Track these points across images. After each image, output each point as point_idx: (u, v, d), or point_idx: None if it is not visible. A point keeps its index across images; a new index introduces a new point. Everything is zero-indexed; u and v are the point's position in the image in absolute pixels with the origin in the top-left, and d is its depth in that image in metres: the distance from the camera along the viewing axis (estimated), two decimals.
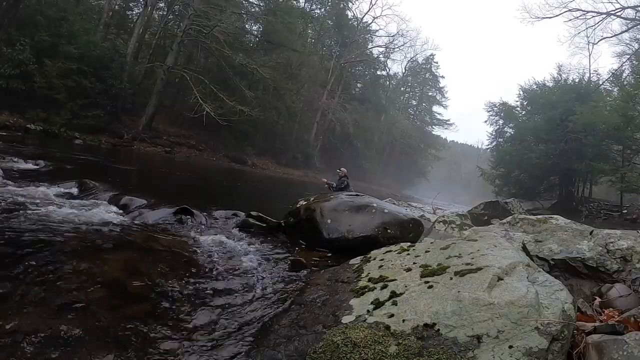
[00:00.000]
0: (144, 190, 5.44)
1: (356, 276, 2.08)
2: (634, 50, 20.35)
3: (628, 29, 19.53)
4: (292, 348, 1.52)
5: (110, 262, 2.19)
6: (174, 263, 2.42)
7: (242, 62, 19.61)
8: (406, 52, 43.99)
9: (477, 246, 2.00)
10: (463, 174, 67.62)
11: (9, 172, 4.82)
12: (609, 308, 2.01)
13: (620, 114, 16.56)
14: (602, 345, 1.39)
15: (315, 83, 30.86)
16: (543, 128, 22.04)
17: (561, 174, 22.31)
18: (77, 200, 3.83)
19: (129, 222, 3.29)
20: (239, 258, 2.76)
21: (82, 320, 1.59)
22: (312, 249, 3.26)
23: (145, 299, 1.88)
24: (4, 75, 12.89)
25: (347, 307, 1.72)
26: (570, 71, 25.23)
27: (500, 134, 29.10)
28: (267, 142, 25.91)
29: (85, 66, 14.91)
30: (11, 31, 13.85)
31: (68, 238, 2.44)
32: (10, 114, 13.04)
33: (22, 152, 7.39)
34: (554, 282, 1.63)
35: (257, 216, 3.74)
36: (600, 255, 2.52)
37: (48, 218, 2.89)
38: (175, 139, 19.99)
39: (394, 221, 3.37)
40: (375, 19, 40.30)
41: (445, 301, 1.53)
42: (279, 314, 1.89)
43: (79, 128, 14.84)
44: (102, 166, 9.27)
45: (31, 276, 1.83)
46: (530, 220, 3.36)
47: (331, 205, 3.51)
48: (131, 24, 22.01)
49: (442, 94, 49.64)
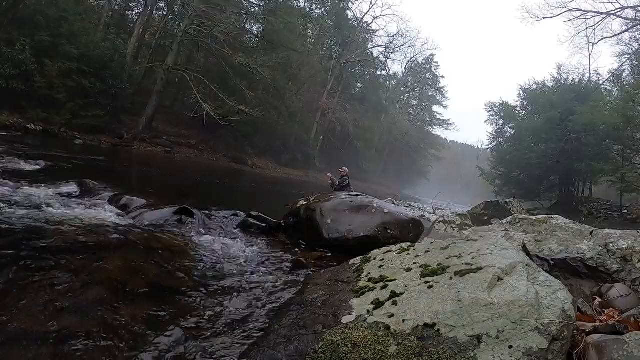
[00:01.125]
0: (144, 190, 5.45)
1: (356, 276, 2.08)
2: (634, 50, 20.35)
3: (628, 29, 19.51)
4: (292, 348, 1.52)
5: (110, 262, 2.19)
6: (174, 263, 2.42)
7: (242, 62, 19.60)
8: (406, 52, 44.06)
9: (477, 246, 2.00)
10: (463, 174, 67.57)
11: (9, 172, 4.82)
12: (609, 308, 2.01)
13: (620, 114, 16.55)
14: (602, 345, 1.39)
15: (315, 83, 30.83)
16: (543, 128, 22.04)
17: (561, 174, 22.31)
18: (77, 200, 3.83)
19: (129, 222, 3.29)
20: (239, 258, 2.76)
21: (82, 320, 1.59)
22: (312, 249, 3.26)
23: (145, 299, 1.88)
24: (4, 75, 12.88)
25: (347, 307, 1.72)
26: (570, 71, 25.31)
27: (500, 134, 29.10)
28: (267, 142, 25.90)
29: (85, 66, 14.88)
30: (11, 31, 13.84)
31: (68, 238, 2.44)
32: (10, 114, 13.02)
33: (22, 152, 7.39)
34: (554, 282, 1.63)
35: (257, 216, 3.75)
36: (600, 255, 2.52)
37: (48, 218, 2.90)
38: (175, 139, 19.98)
39: (394, 221, 3.37)
40: (375, 19, 40.41)
41: (445, 301, 1.53)
42: (279, 314, 1.89)
43: (79, 128, 14.83)
44: (102, 166, 9.27)
45: (31, 276, 1.83)
46: (530, 220, 3.36)
47: (331, 205, 3.51)
48: (131, 24, 22.00)
49: (442, 94, 49.67)
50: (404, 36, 38.84)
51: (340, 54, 33.73)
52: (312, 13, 33.70)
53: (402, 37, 38.40)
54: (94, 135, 15.17)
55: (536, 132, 22.60)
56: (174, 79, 22.04)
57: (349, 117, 31.98)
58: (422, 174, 50.65)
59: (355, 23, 36.22)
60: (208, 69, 22.07)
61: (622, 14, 18.68)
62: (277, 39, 23.49)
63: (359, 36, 35.39)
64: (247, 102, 20.07)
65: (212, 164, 19.25)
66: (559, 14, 20.01)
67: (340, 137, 32.90)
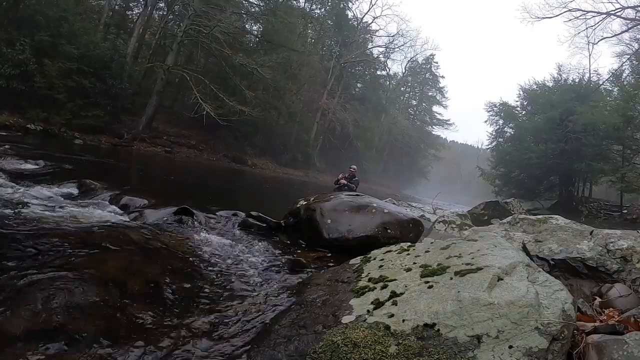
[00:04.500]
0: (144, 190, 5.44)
1: (356, 276, 2.08)
2: (634, 50, 20.35)
3: (628, 29, 19.51)
4: (292, 348, 1.52)
5: (110, 262, 2.19)
6: (174, 263, 2.42)
7: (242, 62, 19.59)
8: (406, 52, 44.08)
9: (477, 246, 2.00)
10: (463, 174, 67.57)
11: (9, 172, 4.82)
12: (609, 308, 2.01)
13: (620, 114, 16.53)
14: (602, 345, 1.39)
15: (315, 83, 30.82)
16: (543, 128, 22.03)
17: (561, 174, 22.30)
18: (77, 200, 3.83)
19: (129, 222, 3.29)
20: (239, 258, 2.76)
21: (82, 321, 1.59)
22: (312, 249, 3.26)
23: (146, 299, 1.88)
24: (4, 75, 12.87)
25: (347, 307, 1.72)
26: (570, 71, 25.29)
27: (500, 134, 29.08)
28: (267, 142, 25.90)
29: (85, 66, 14.88)
30: (11, 31, 13.84)
31: (68, 238, 2.44)
32: (10, 114, 13.02)
33: (22, 152, 7.39)
34: (554, 282, 1.63)
35: (257, 216, 3.74)
36: (600, 255, 2.52)
37: (48, 218, 2.89)
38: (175, 139, 19.98)
39: (394, 221, 3.37)
40: (375, 19, 40.43)
41: (445, 301, 1.53)
42: (279, 314, 1.89)
43: (79, 128, 14.82)
44: (102, 166, 9.27)
45: (31, 276, 1.83)
46: (530, 220, 3.36)
47: (331, 205, 3.51)
48: (131, 24, 21.99)
49: (442, 94, 49.67)
50: (404, 36, 38.92)
51: (340, 54, 33.73)
52: (312, 13, 33.69)
53: (402, 37, 38.48)
54: (94, 135, 15.17)
55: (536, 132, 22.59)
56: (174, 79, 22.02)
57: (349, 117, 31.97)
58: (422, 174, 50.64)
59: (355, 23, 36.22)
60: (208, 69, 22.06)
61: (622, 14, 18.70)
62: (277, 39, 23.48)
63: (359, 36, 35.39)
64: (247, 102, 20.06)
65: (212, 164, 19.26)
66: (559, 14, 20.03)
67: (340, 137, 32.90)
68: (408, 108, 50.20)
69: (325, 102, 31.32)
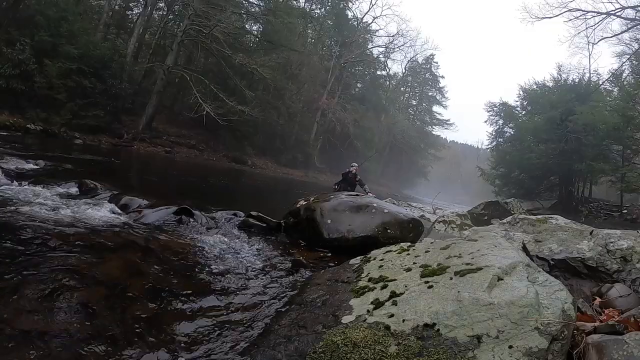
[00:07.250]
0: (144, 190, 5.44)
1: (356, 276, 2.08)
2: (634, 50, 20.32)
3: (628, 29, 19.50)
4: (292, 348, 1.52)
5: (110, 262, 2.19)
6: (174, 263, 2.42)
7: (242, 62, 19.58)
8: (406, 52, 43.99)
9: (477, 246, 2.00)
10: (463, 174, 67.55)
11: (9, 172, 4.82)
12: (609, 308, 2.01)
13: (620, 114, 16.55)
14: (602, 345, 1.38)
15: (315, 83, 30.83)
16: (543, 128, 22.03)
17: (561, 174, 22.30)
18: (77, 200, 3.83)
19: (129, 222, 3.29)
20: (238, 258, 2.76)
21: (82, 321, 1.59)
22: (312, 249, 3.26)
23: (146, 299, 1.88)
24: (4, 75, 12.87)
25: (347, 307, 1.72)
26: (570, 71, 25.18)
27: (500, 134, 29.05)
28: (267, 142, 25.90)
29: (85, 66, 14.88)
30: (11, 31, 13.82)
31: (68, 238, 2.44)
32: (10, 114, 13.02)
33: (22, 152, 7.38)
34: (554, 282, 1.63)
35: (257, 216, 3.74)
36: (600, 255, 2.52)
37: (48, 218, 2.89)
38: (175, 139, 19.98)
39: (394, 221, 3.37)
40: (375, 19, 40.27)
41: (445, 301, 1.53)
42: (279, 314, 1.89)
43: (79, 128, 14.82)
44: (102, 166, 9.27)
45: (31, 276, 1.83)
46: (530, 220, 3.35)
47: (331, 205, 3.51)
48: (131, 24, 21.99)
49: (442, 93, 49.66)
50: (404, 36, 38.86)
51: (340, 54, 33.72)
52: (312, 13, 33.69)
53: (402, 37, 38.45)
54: (94, 135, 15.17)
55: (536, 132, 22.59)
56: (174, 79, 22.01)
57: (349, 117, 31.95)
58: (422, 173, 50.63)
59: (355, 23, 36.21)
60: (208, 69, 22.07)
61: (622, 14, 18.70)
62: (277, 39, 23.48)
63: (359, 36, 35.38)
64: (247, 102, 20.06)
65: (212, 164, 19.26)
66: (559, 14, 20.02)
67: (340, 137, 32.89)
68: (408, 108, 50.21)
69: (325, 102, 31.32)
